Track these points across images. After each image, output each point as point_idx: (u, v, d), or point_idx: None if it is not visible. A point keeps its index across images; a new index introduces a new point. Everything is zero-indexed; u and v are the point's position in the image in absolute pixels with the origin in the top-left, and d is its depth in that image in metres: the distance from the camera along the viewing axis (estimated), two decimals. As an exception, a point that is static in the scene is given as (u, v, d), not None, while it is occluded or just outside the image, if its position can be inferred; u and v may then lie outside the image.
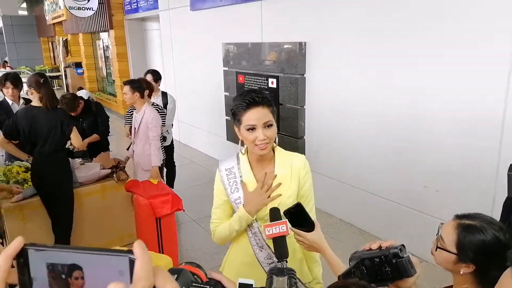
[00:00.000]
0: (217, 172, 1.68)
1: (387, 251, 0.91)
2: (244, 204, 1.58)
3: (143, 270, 0.40)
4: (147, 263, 0.41)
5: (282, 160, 1.62)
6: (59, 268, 0.43)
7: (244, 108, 1.48)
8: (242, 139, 1.55)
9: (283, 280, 0.65)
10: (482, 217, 1.21)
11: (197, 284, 0.69)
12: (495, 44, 2.74)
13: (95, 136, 4.28)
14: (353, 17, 3.71)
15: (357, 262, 0.94)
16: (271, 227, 1.29)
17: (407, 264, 0.89)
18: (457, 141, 3.05)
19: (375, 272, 0.92)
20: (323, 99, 4.20)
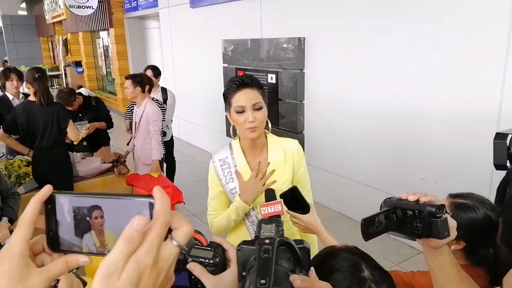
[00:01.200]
0: (210, 163, 1.69)
1: (423, 207, 0.83)
2: (240, 194, 1.59)
3: (162, 207, 0.44)
4: (166, 202, 0.45)
5: (274, 146, 1.63)
6: (80, 211, 0.46)
7: (234, 89, 1.50)
8: (233, 123, 1.56)
9: (270, 227, 0.68)
10: (475, 196, 1.24)
11: (199, 246, 0.73)
12: (490, 40, 2.77)
13: (103, 123, 4.32)
14: (352, 12, 3.74)
15: (388, 209, 0.88)
16: (266, 207, 1.32)
17: (441, 226, 0.82)
18: (454, 134, 3.09)
19: (405, 224, 0.87)
20: (322, 94, 4.23)
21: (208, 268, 0.68)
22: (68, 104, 4.13)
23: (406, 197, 0.87)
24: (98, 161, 3.68)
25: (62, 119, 3.15)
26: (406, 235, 0.88)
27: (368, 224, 0.85)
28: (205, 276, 0.67)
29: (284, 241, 0.66)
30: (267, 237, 0.63)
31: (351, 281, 0.86)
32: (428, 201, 0.84)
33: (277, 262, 0.64)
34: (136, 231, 0.41)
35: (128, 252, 0.41)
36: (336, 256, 0.93)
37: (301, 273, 0.67)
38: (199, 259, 0.68)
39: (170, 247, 0.45)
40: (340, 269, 0.89)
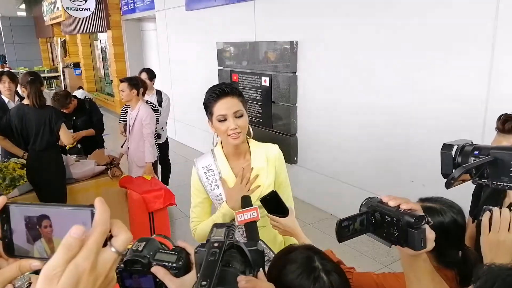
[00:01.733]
0: (193, 170, 1.69)
1: (402, 216, 0.81)
2: (227, 201, 1.61)
3: (101, 218, 0.49)
4: (105, 213, 0.49)
5: (257, 151, 1.66)
6: (35, 220, 0.51)
7: (214, 99, 1.53)
8: (215, 131, 1.59)
9: (221, 230, 0.72)
10: (443, 200, 1.29)
11: (164, 250, 0.77)
12: (476, 41, 2.82)
13: (91, 130, 4.36)
14: (344, 17, 3.79)
15: (367, 212, 0.87)
16: (243, 214, 1.37)
17: (418, 237, 0.80)
18: (442, 137, 3.11)
19: (383, 228, 0.86)
20: (315, 97, 4.28)
21: (172, 271, 0.72)
22: (65, 106, 4.18)
23: (388, 201, 0.86)
24: (91, 163, 3.71)
25: (55, 122, 3.18)
26: (382, 239, 0.88)
27: (344, 226, 0.85)
28: (168, 279, 0.72)
29: (234, 244, 0.70)
30: (216, 241, 0.68)
31: (303, 269, 0.95)
32: (408, 210, 0.82)
33: (229, 264, 0.69)
34: (74, 239, 0.46)
35: (67, 258, 0.45)
36: (293, 251, 1.02)
37: (250, 274, 0.72)
38: (162, 262, 0.73)
39: (108, 253, 0.49)
40: (295, 260, 0.98)
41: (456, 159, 1.07)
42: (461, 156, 1.07)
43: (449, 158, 1.08)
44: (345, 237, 0.85)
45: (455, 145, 1.07)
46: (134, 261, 0.73)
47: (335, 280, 0.93)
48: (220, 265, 0.63)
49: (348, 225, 0.86)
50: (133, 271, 0.73)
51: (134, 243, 0.78)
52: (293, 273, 0.94)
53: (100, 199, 0.50)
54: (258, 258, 0.74)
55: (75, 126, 4.33)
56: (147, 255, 0.73)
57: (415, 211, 0.81)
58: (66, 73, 13.69)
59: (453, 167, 1.07)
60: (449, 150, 1.08)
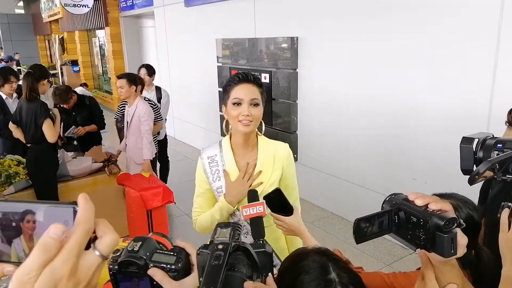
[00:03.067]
0: (199, 160, 1.67)
1: (430, 217, 0.71)
2: (226, 194, 1.58)
3: (83, 216, 0.43)
4: (88, 210, 0.43)
5: (265, 148, 1.62)
6: (10, 217, 0.45)
7: (236, 82, 1.51)
8: (227, 117, 1.55)
9: (226, 231, 0.66)
10: (458, 196, 1.23)
11: (162, 251, 0.71)
12: (481, 41, 2.77)
13: (94, 126, 4.35)
14: (345, 12, 3.73)
15: (391, 210, 0.78)
16: (249, 208, 1.31)
17: (447, 243, 0.70)
18: (445, 135, 3.08)
19: (407, 229, 0.76)
20: (315, 94, 4.22)
21: (170, 273, 0.66)
22: (66, 101, 4.15)
23: (414, 199, 0.76)
24: (89, 160, 3.66)
25: (39, 117, 3.14)
26: (406, 241, 0.77)
27: (363, 225, 0.76)
28: (166, 282, 0.66)
29: (241, 246, 0.64)
30: (220, 242, 0.62)
31: (318, 283, 0.86)
32: (437, 210, 0.72)
33: (234, 268, 0.63)
34: (52, 239, 0.40)
35: (43, 261, 0.39)
36: (305, 258, 0.93)
37: (258, 279, 0.66)
38: (160, 264, 0.67)
39: (91, 256, 0.43)
40: (308, 271, 0.89)
41: (477, 153, 1.00)
42: (483, 150, 0.99)
43: (470, 152, 1.00)
44: (364, 238, 0.76)
45: (476, 138, 1.00)
46: (130, 263, 0.66)
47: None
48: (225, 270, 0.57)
49: (371, 223, 0.76)
50: (128, 273, 0.67)
51: (130, 242, 0.72)
52: (308, 286, 0.86)
53: (84, 195, 0.44)
54: (266, 261, 0.68)
55: (75, 122, 4.30)
56: (144, 256, 0.67)
57: (445, 212, 0.71)
58: (64, 70, 13.62)
59: (474, 162, 1.00)
60: (469, 143, 1.00)
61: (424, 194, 0.76)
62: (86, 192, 1.73)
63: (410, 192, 0.78)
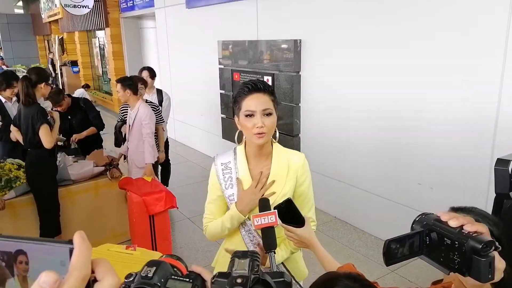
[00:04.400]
0: (212, 166, 1.64)
1: (466, 239, 0.68)
2: (237, 203, 1.55)
3: (78, 259, 0.39)
4: (84, 252, 0.40)
5: (279, 156, 1.58)
6: (1, 256, 0.42)
7: (246, 92, 1.47)
8: (241, 128, 1.52)
9: (244, 262, 0.63)
10: (477, 211, 1.20)
11: (177, 277, 0.68)
12: (487, 44, 2.73)
13: (92, 129, 4.29)
14: (348, 15, 3.70)
15: (422, 231, 0.75)
16: (260, 218, 1.27)
17: (484, 267, 0.67)
18: (451, 140, 3.05)
19: (440, 251, 0.73)
20: (318, 97, 4.19)
21: None
22: (58, 103, 4.10)
23: (448, 219, 0.73)
24: (90, 164, 3.62)
25: (36, 122, 3.09)
26: (438, 264, 0.74)
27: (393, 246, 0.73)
28: None
29: (260, 279, 0.61)
30: (239, 276, 0.58)
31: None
32: (473, 232, 0.69)
33: None
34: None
35: None
36: (336, 284, 0.88)
37: None
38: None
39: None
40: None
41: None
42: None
43: (505, 174, 0.97)
44: (395, 260, 0.74)
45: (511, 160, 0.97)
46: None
47: None
48: None
49: (398, 247, 0.74)
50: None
51: (143, 267, 0.68)
52: None
53: (80, 234, 0.41)
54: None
55: (71, 125, 4.25)
56: (158, 282, 0.63)
57: (481, 235, 0.69)
58: (63, 71, 13.57)
59: (510, 185, 0.97)
60: (505, 166, 0.97)
61: (457, 215, 0.74)
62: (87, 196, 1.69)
63: (442, 212, 0.76)
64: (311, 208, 1.66)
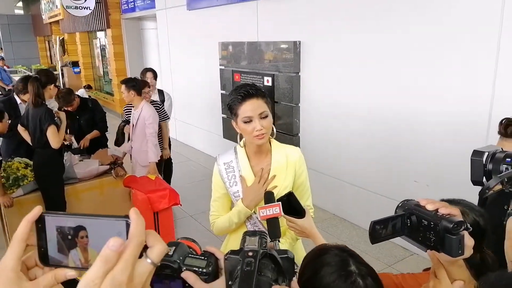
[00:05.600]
0: (215, 165, 1.75)
1: (439, 220, 0.78)
2: (243, 199, 1.66)
3: (137, 229, 0.48)
4: (141, 224, 0.49)
5: (278, 152, 1.70)
6: (66, 230, 0.51)
7: (240, 101, 1.56)
8: (240, 132, 1.62)
9: (254, 239, 0.73)
10: (465, 203, 1.29)
11: (193, 255, 0.77)
12: (481, 43, 2.83)
13: (96, 132, 4.38)
14: (347, 17, 3.80)
15: (403, 214, 0.85)
16: (265, 209, 1.38)
17: (455, 243, 0.77)
18: (446, 137, 3.14)
19: (419, 232, 0.83)
20: (318, 97, 4.29)
21: (201, 276, 0.72)
22: (69, 103, 4.19)
23: (425, 204, 0.83)
24: (95, 163, 3.71)
25: (43, 123, 3.19)
26: (417, 243, 0.85)
27: (378, 227, 0.83)
28: (198, 285, 0.72)
29: (268, 253, 0.71)
30: (250, 250, 0.68)
31: (339, 274, 0.96)
32: (446, 214, 0.79)
33: (261, 273, 0.69)
34: (112, 252, 0.46)
35: (105, 271, 0.45)
36: (327, 252, 1.02)
37: (283, 283, 0.72)
38: (193, 268, 0.73)
39: (144, 264, 0.49)
40: (329, 263, 0.98)
41: (487, 166, 1.07)
42: (492, 163, 1.07)
43: (480, 165, 1.08)
44: (379, 239, 0.84)
45: (486, 152, 1.07)
46: (165, 266, 0.72)
47: (371, 285, 0.94)
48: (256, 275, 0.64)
49: (386, 226, 0.84)
50: (163, 275, 0.73)
51: None
52: (329, 277, 0.95)
53: (135, 210, 0.50)
54: (288, 266, 0.75)
55: (79, 125, 4.34)
56: (177, 260, 0.73)
57: (454, 216, 0.79)
58: (64, 71, 13.63)
59: (484, 174, 1.07)
60: (479, 157, 1.08)
61: (435, 200, 0.85)
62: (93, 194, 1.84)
63: (421, 198, 0.86)
64: (309, 197, 1.79)
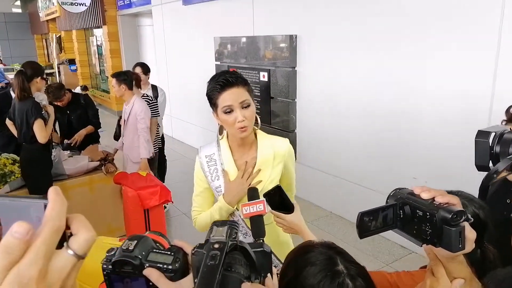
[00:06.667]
0: (197, 158, 1.63)
1: (436, 210, 0.68)
2: (224, 194, 1.55)
3: (53, 212, 0.39)
4: (58, 205, 0.39)
5: (264, 144, 1.57)
6: None
7: (219, 90, 1.44)
8: (221, 123, 1.51)
9: (223, 229, 0.62)
10: (464, 194, 1.21)
11: (158, 250, 0.68)
12: (481, 38, 2.74)
13: (91, 127, 4.30)
14: (344, 10, 3.70)
15: (395, 204, 0.75)
16: (248, 206, 1.27)
17: (455, 237, 0.67)
18: (445, 133, 3.06)
19: (413, 224, 0.73)
20: (314, 92, 4.19)
21: (167, 274, 0.63)
22: (59, 98, 4.09)
23: (420, 192, 0.73)
24: (85, 159, 3.61)
25: (30, 117, 3.09)
26: (411, 237, 0.74)
27: (366, 219, 0.72)
28: (162, 283, 0.63)
29: (238, 245, 0.60)
30: (216, 241, 0.58)
31: (326, 274, 0.85)
32: (445, 203, 0.69)
33: (231, 268, 0.59)
34: (15, 239, 0.36)
35: (7, 264, 0.35)
36: (312, 250, 0.92)
37: (257, 280, 0.62)
38: (157, 264, 0.64)
39: (64, 256, 0.39)
40: (315, 262, 0.88)
41: (494, 148, 0.95)
42: (500, 145, 0.95)
43: (486, 147, 0.95)
44: (368, 233, 0.73)
45: (492, 132, 0.95)
46: (124, 262, 0.63)
47: (361, 286, 0.84)
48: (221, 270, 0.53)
49: (376, 217, 0.73)
50: (123, 273, 0.64)
51: (125, 241, 0.68)
52: (314, 277, 0.84)
53: (55, 189, 0.40)
54: (264, 261, 0.65)
55: (69, 121, 4.25)
56: (139, 255, 0.64)
57: (452, 206, 0.69)
58: (61, 69, 13.54)
59: (490, 157, 0.95)
60: (485, 138, 0.96)
61: (431, 188, 0.73)
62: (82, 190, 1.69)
63: (416, 186, 0.75)
64: (293, 193, 1.69)
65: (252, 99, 1.48)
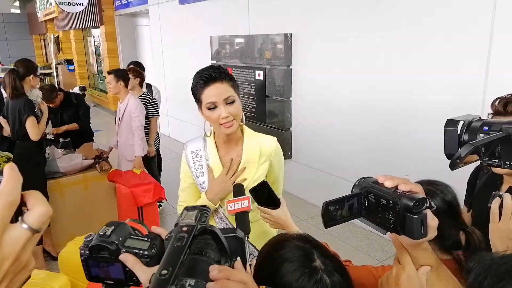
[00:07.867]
0: (183, 153, 1.63)
1: (399, 198, 0.68)
2: (207, 192, 1.53)
3: (6, 186, 0.40)
4: (12, 180, 0.40)
5: (250, 142, 1.56)
6: None
7: (202, 85, 1.42)
8: (206, 119, 1.49)
9: (192, 213, 0.63)
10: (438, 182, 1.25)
11: (135, 236, 0.68)
12: (474, 33, 2.75)
13: (74, 125, 4.27)
14: (339, 9, 3.71)
15: (359, 193, 0.75)
16: (233, 203, 1.28)
17: (417, 224, 0.67)
18: (439, 131, 3.05)
19: (377, 212, 0.73)
20: (309, 91, 4.20)
21: (143, 259, 0.64)
22: (50, 100, 4.09)
23: (383, 181, 0.73)
24: (79, 157, 3.61)
25: (22, 114, 3.09)
26: (376, 225, 0.75)
27: (332, 208, 0.73)
28: (138, 268, 0.64)
29: (207, 229, 0.61)
30: (185, 225, 0.58)
31: (303, 271, 0.84)
32: (407, 191, 0.70)
33: (202, 253, 0.60)
34: None
35: None
36: (288, 245, 0.90)
37: (226, 264, 0.63)
38: (133, 250, 0.65)
39: (18, 230, 0.40)
40: (291, 258, 0.87)
41: (462, 136, 0.96)
42: (468, 133, 0.95)
43: (454, 135, 0.96)
44: (333, 222, 0.74)
45: (461, 121, 0.96)
46: (101, 247, 0.64)
47: (338, 282, 0.84)
48: (187, 252, 0.54)
49: (341, 206, 0.74)
50: (100, 258, 0.65)
51: (102, 227, 0.69)
52: (291, 275, 0.84)
53: (11, 165, 0.41)
54: (237, 246, 0.66)
55: (62, 120, 4.25)
56: (116, 241, 0.65)
57: (415, 193, 0.69)
58: (59, 69, 13.53)
59: (459, 145, 0.96)
60: (453, 126, 0.96)
61: (394, 176, 0.74)
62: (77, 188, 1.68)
63: (380, 175, 0.76)
64: (280, 189, 1.67)
65: (238, 95, 1.47)
